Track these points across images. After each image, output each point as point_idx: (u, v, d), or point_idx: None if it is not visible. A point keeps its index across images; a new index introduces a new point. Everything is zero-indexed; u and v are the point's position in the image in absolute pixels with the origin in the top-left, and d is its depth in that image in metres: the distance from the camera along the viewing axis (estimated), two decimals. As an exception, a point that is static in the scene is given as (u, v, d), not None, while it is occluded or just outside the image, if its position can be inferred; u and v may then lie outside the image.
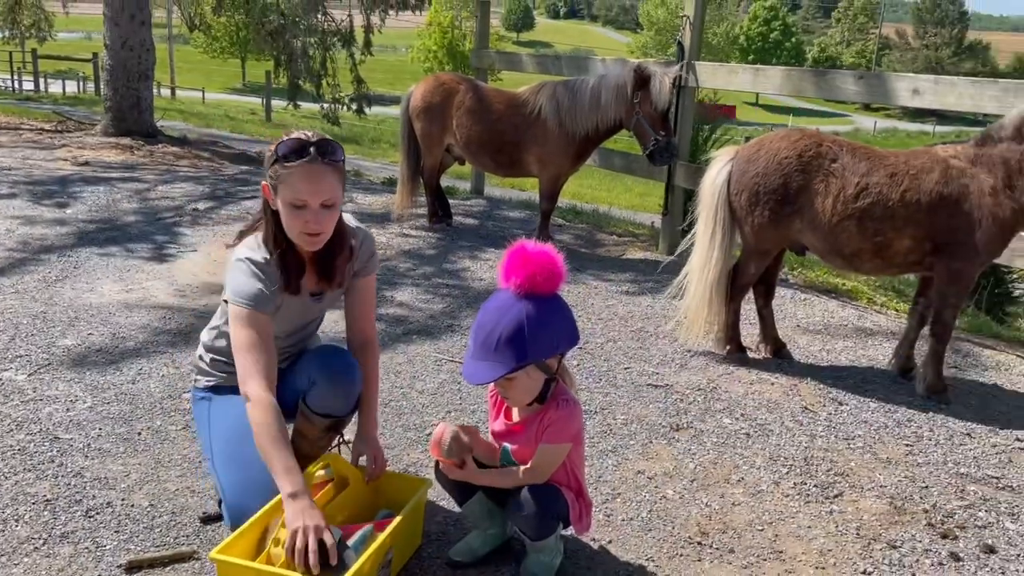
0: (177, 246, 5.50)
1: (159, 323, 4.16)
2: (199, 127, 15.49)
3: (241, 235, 2.44)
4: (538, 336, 2.09)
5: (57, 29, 28.00)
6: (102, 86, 10.96)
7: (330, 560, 1.96)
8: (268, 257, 2.29)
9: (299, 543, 1.95)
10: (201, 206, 6.59)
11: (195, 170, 8.27)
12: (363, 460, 2.46)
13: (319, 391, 2.41)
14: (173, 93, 30.84)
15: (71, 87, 27.50)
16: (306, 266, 2.37)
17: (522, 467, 2.27)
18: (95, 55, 23.84)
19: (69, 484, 2.67)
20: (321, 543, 1.95)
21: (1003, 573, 2.47)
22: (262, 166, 2.38)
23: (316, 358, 2.46)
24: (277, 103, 24.59)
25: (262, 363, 2.22)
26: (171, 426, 3.12)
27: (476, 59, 7.98)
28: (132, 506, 2.58)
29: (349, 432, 2.56)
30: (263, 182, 2.29)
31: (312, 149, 2.19)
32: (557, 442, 2.23)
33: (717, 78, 5.77)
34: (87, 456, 2.86)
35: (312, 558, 1.93)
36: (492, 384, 2.32)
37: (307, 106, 16.88)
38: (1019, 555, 2.56)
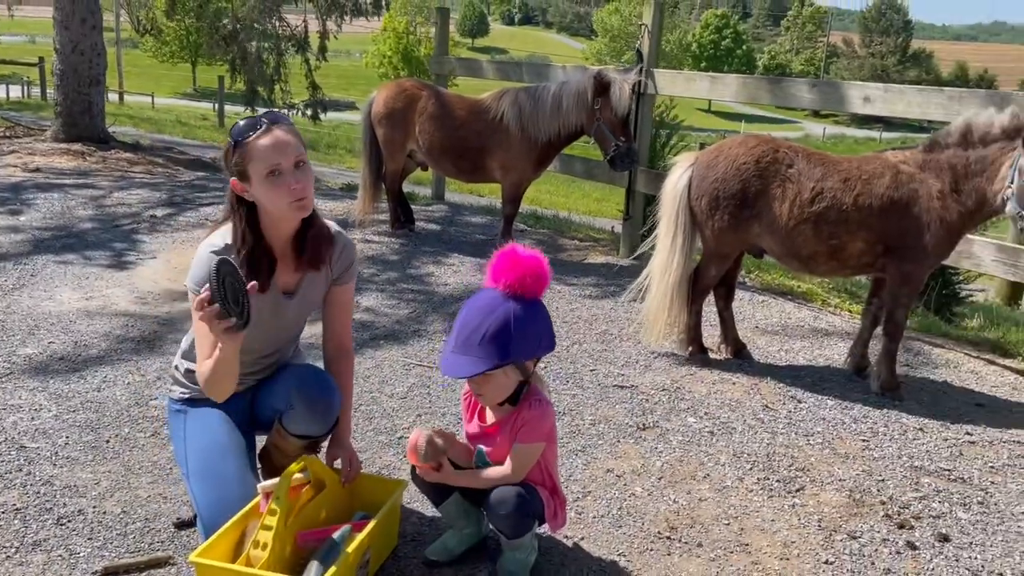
0: (136, 253, 5.43)
1: (121, 331, 4.12)
2: (150, 133, 15.24)
3: (211, 231, 2.43)
4: (522, 336, 2.15)
5: (0, 32, 27.27)
6: (52, 91, 10.73)
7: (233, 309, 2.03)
8: (229, 243, 2.29)
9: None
10: (159, 213, 6.51)
11: (150, 176, 8.15)
12: (338, 463, 2.49)
13: (297, 415, 2.41)
14: (121, 98, 30.17)
15: (15, 91, 26.84)
16: (276, 262, 2.36)
17: (499, 468, 2.31)
18: (41, 59, 23.31)
19: (38, 492, 2.65)
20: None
21: (957, 560, 2.59)
22: (221, 172, 2.39)
23: (294, 379, 2.44)
24: (230, 108, 24.29)
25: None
26: (139, 433, 3.10)
27: (436, 65, 8.01)
28: (104, 513, 2.56)
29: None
30: (231, 179, 2.29)
31: (263, 120, 2.26)
32: (531, 441, 2.27)
33: (676, 85, 5.89)
34: (55, 464, 2.83)
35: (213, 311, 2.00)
36: (467, 385, 2.37)
37: (264, 111, 16.69)
38: (971, 543, 2.68)
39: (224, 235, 2.32)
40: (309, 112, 14.81)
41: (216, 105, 25.72)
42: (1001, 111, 3.49)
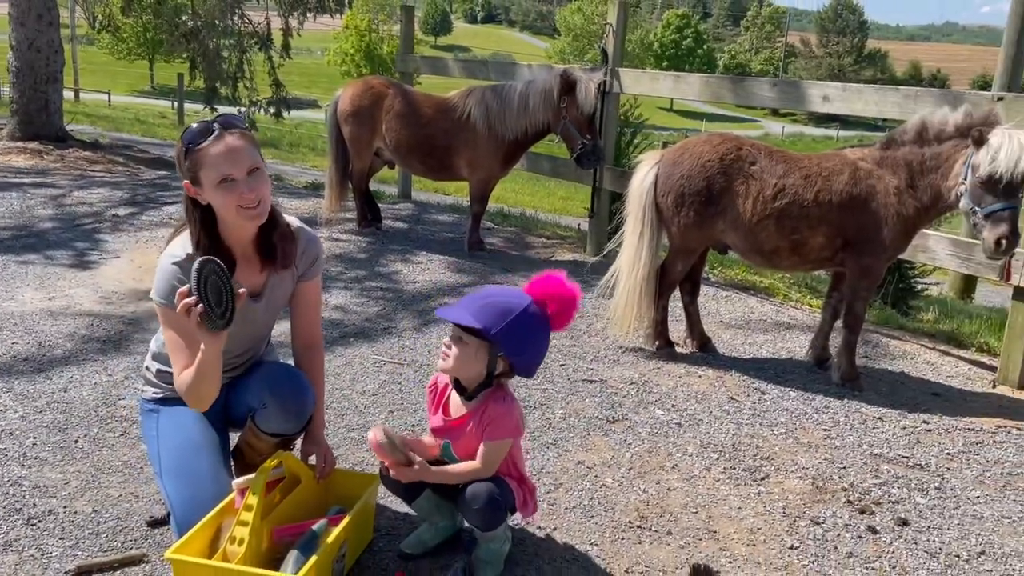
0: (99, 252, 5.37)
1: (86, 331, 4.07)
2: (109, 131, 15.00)
3: (170, 239, 2.42)
4: (518, 330, 2.21)
5: (-50, 28, 26.59)
6: (7, 88, 10.52)
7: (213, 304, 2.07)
8: (191, 253, 2.27)
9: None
10: (121, 212, 6.43)
11: (111, 175, 8.04)
12: (312, 459, 2.50)
13: (269, 414, 2.41)
14: (77, 96, 29.63)
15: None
16: (237, 264, 2.34)
17: (469, 463, 2.34)
18: (-6, 56, 22.79)
19: (7, 493, 2.62)
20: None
21: (915, 543, 2.68)
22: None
23: (267, 378, 2.45)
24: (190, 106, 23.95)
25: (192, 360, 2.22)
26: (108, 433, 3.08)
27: (402, 63, 8.00)
28: (75, 513, 2.55)
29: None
30: (184, 182, 2.27)
31: (216, 125, 2.23)
32: (499, 438, 2.31)
33: (641, 84, 5.96)
34: (23, 465, 2.80)
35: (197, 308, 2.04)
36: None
37: (223, 110, 16.51)
38: (929, 527, 2.77)
39: (184, 244, 2.31)
40: (272, 110, 14.67)
41: (175, 103, 25.35)
42: (955, 110, 3.60)
